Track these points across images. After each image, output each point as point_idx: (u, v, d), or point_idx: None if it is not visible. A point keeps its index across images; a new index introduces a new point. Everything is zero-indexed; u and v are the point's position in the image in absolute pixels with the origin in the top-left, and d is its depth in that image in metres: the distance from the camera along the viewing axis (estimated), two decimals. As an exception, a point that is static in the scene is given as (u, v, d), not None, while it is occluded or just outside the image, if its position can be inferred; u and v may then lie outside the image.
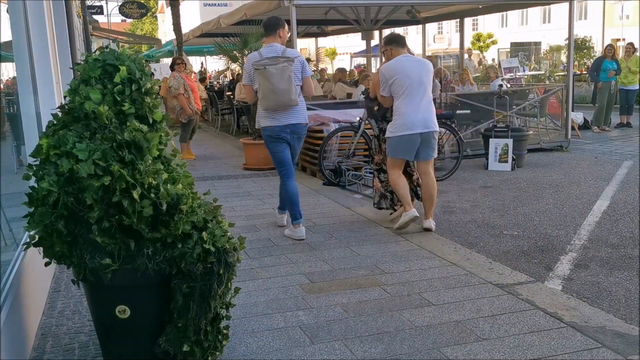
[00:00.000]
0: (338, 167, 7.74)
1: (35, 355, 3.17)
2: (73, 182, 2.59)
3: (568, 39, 10.53)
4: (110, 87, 2.80)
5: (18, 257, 3.43)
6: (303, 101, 5.23)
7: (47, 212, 2.60)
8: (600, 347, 3.12)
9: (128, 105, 2.79)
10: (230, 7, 20.88)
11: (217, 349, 2.92)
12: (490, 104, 9.50)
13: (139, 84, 2.83)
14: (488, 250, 5.05)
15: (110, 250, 2.65)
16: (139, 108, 2.83)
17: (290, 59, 5.01)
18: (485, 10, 13.60)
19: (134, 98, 2.82)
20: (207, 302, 2.75)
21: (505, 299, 3.79)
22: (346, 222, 5.74)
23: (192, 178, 3.00)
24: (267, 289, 4.07)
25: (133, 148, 2.67)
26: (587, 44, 30.99)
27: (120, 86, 2.81)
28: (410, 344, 3.21)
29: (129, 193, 2.59)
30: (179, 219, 2.68)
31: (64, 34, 7.35)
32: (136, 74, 2.85)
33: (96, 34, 25.56)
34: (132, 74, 2.85)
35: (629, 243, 5.15)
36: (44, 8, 4.91)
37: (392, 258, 4.63)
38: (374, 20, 12.89)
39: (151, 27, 64.64)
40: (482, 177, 8.18)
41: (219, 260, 2.74)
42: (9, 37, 4.38)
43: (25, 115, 4.52)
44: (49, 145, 2.66)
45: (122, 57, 2.90)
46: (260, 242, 5.12)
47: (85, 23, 13.28)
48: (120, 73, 2.81)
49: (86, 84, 2.84)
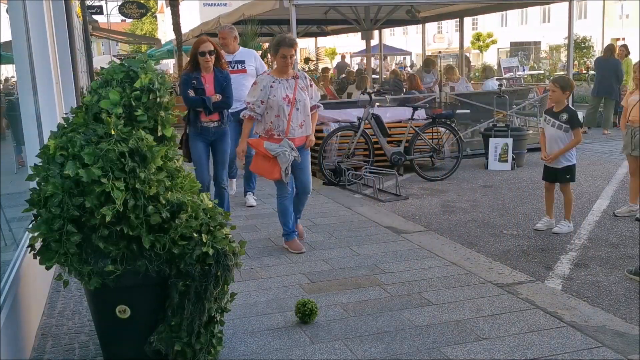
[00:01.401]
0: (338, 166, 7.74)
1: (35, 355, 3.17)
2: (77, 186, 2.60)
3: (568, 39, 10.52)
4: (129, 92, 2.84)
5: (18, 257, 3.43)
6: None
7: (55, 215, 2.61)
8: (600, 346, 3.13)
9: (141, 112, 2.81)
10: (230, 7, 20.88)
11: (210, 354, 2.91)
12: (490, 103, 9.50)
13: (156, 95, 2.85)
14: (488, 250, 5.05)
15: (114, 256, 2.67)
16: (151, 118, 2.85)
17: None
18: (485, 10, 13.59)
19: (148, 106, 2.84)
20: (202, 302, 2.76)
21: (505, 298, 3.79)
22: (346, 222, 5.74)
23: (198, 185, 3.04)
24: (267, 289, 4.07)
25: (137, 156, 2.69)
26: (587, 43, 31.01)
27: (138, 92, 2.84)
28: (411, 344, 3.21)
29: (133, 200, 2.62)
30: (178, 225, 2.70)
31: (63, 34, 7.35)
32: (155, 84, 2.88)
33: (96, 34, 25.58)
34: (152, 84, 2.88)
35: (629, 242, 5.14)
36: (44, 8, 4.91)
37: (392, 258, 4.63)
38: (373, 20, 12.90)
39: (151, 27, 64.66)
40: (482, 177, 8.18)
41: (217, 262, 2.76)
42: (9, 37, 4.38)
43: (25, 115, 4.52)
44: (56, 147, 2.68)
45: (147, 67, 2.95)
46: (260, 242, 5.12)
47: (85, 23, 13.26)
48: (141, 80, 2.85)
49: (107, 84, 2.89)
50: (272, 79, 4.72)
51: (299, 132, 4.76)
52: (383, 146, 7.93)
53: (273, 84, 4.69)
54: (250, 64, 6.57)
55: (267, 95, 4.66)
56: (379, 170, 7.58)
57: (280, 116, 4.67)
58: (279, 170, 4.61)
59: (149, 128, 2.86)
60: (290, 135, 4.70)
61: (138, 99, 2.83)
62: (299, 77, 4.81)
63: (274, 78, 4.72)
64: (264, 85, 4.68)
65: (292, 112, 4.68)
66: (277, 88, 4.67)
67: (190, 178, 3.02)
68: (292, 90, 4.70)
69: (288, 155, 4.59)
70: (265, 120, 4.72)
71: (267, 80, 4.73)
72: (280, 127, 4.69)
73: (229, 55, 6.37)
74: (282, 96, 4.66)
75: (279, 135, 4.70)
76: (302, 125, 4.77)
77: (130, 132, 2.74)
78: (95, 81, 2.97)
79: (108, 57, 32.46)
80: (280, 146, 4.62)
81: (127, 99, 2.82)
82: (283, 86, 4.70)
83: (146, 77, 2.86)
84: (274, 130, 4.71)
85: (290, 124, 4.69)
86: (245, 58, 6.57)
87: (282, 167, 4.60)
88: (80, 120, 2.79)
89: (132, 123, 2.81)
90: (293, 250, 4.82)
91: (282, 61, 4.68)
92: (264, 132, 4.77)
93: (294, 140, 4.72)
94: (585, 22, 40.38)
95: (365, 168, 7.65)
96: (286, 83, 4.72)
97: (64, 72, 6.62)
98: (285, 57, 4.65)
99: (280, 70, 4.75)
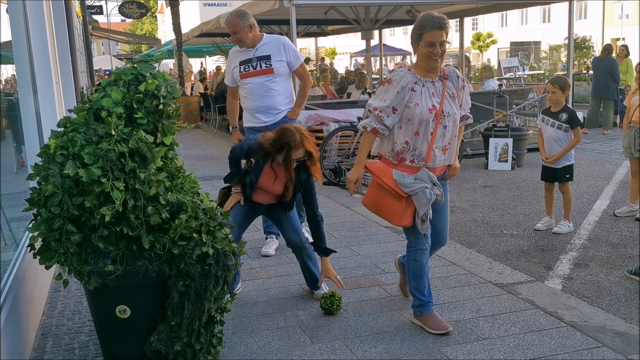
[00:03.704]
0: (338, 166, 7.74)
1: (35, 355, 3.17)
2: (77, 185, 2.60)
3: (568, 39, 10.53)
4: (132, 93, 2.84)
5: (18, 257, 3.43)
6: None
7: (55, 215, 2.61)
8: (600, 346, 3.13)
9: (141, 115, 2.81)
10: (230, 7, 20.91)
11: (210, 354, 2.91)
12: (490, 103, 9.50)
13: (160, 101, 2.85)
14: (488, 250, 5.05)
15: (114, 256, 2.67)
16: (152, 122, 2.85)
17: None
18: (485, 10, 13.59)
19: (149, 111, 2.84)
20: (202, 302, 2.76)
21: (505, 298, 3.79)
22: (346, 222, 5.74)
23: (199, 186, 3.04)
24: (267, 289, 4.07)
25: (137, 157, 2.69)
26: (587, 43, 31.01)
27: (141, 95, 2.84)
28: (411, 344, 3.21)
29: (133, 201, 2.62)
30: (178, 225, 2.70)
31: (63, 34, 7.36)
32: (162, 91, 2.87)
33: (96, 34, 25.60)
34: (157, 90, 2.87)
35: (629, 242, 5.14)
36: (44, 8, 4.91)
37: (392, 258, 4.62)
38: (373, 19, 12.90)
39: (151, 27, 64.71)
40: (482, 177, 8.18)
41: (217, 262, 2.76)
42: (9, 37, 4.38)
43: (25, 115, 4.53)
44: (56, 146, 2.68)
45: (158, 75, 2.95)
46: (260, 242, 5.12)
47: (85, 23, 13.28)
48: (146, 83, 2.84)
49: (114, 84, 2.89)
50: (414, 78, 3.24)
51: (441, 159, 3.30)
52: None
53: (415, 87, 3.22)
54: (279, 58, 4.65)
55: (406, 102, 3.21)
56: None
57: (420, 135, 3.22)
58: (413, 214, 3.24)
59: (148, 132, 2.86)
60: (431, 164, 3.27)
61: (140, 101, 2.83)
62: (448, 77, 3.31)
63: (417, 77, 3.24)
64: (403, 86, 3.20)
65: (436, 129, 3.22)
66: (420, 93, 3.21)
67: (191, 179, 3.01)
68: (440, 98, 3.24)
69: (429, 195, 3.19)
70: (396, 137, 3.26)
71: (408, 79, 3.23)
72: (418, 151, 3.25)
73: (248, 51, 4.66)
74: (428, 106, 3.20)
75: (415, 162, 3.26)
76: (446, 150, 3.30)
77: (130, 132, 2.74)
78: (104, 79, 2.99)
79: (108, 57, 32.56)
80: (418, 180, 3.21)
81: (128, 100, 2.82)
82: (428, 91, 3.23)
83: (153, 83, 2.85)
84: (408, 154, 3.26)
85: (433, 147, 3.24)
86: (271, 52, 4.65)
87: (419, 210, 3.21)
88: (82, 120, 2.80)
89: (132, 124, 2.81)
90: (434, 330, 3.31)
91: (428, 52, 3.16)
92: (391, 154, 3.31)
93: (434, 171, 3.29)
94: (585, 22, 40.38)
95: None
96: (432, 87, 3.25)
97: (64, 72, 6.62)
98: (433, 45, 3.13)
99: (425, 65, 3.24)
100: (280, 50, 4.64)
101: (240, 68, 4.69)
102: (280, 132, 3.62)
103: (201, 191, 3.05)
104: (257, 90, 4.62)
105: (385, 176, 3.24)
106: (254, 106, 4.69)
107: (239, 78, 4.71)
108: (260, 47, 4.65)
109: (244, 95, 4.78)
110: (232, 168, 3.84)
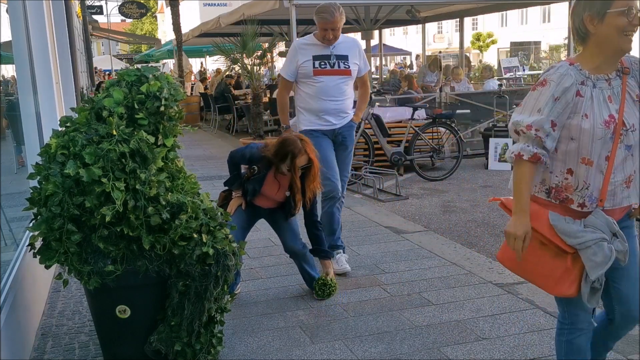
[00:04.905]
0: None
1: (35, 355, 3.17)
2: (78, 185, 2.60)
3: (568, 39, 10.55)
4: (134, 94, 2.84)
5: (18, 257, 3.43)
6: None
7: (55, 214, 2.61)
8: (600, 346, 3.12)
9: (142, 116, 2.81)
10: (230, 7, 20.90)
11: (210, 354, 2.91)
12: (490, 103, 9.50)
13: (161, 103, 2.85)
14: (488, 250, 5.05)
15: (114, 256, 2.67)
16: (152, 124, 2.85)
17: None
18: (485, 10, 13.59)
19: (151, 112, 2.84)
20: (202, 302, 2.76)
21: (505, 298, 3.79)
22: (346, 222, 5.74)
23: (199, 186, 3.04)
24: (267, 289, 4.07)
25: (138, 157, 2.69)
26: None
27: (143, 96, 2.84)
28: (411, 344, 3.21)
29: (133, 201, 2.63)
30: (178, 226, 2.70)
31: (63, 34, 7.36)
32: (164, 93, 2.86)
33: (96, 34, 25.60)
34: (160, 92, 2.86)
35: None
36: (44, 8, 4.91)
37: (392, 258, 4.63)
38: (373, 19, 12.90)
39: (151, 27, 64.70)
40: (482, 177, 8.18)
41: (217, 262, 2.76)
42: (9, 37, 4.38)
43: (25, 115, 4.53)
44: (57, 146, 2.68)
45: (161, 77, 2.94)
46: (260, 242, 5.12)
47: (85, 23, 13.29)
48: (147, 85, 2.84)
49: (117, 84, 2.90)
50: (580, 76, 2.15)
51: (623, 195, 2.20)
52: (383, 146, 7.93)
53: (583, 89, 2.14)
54: (355, 61, 4.30)
55: (569, 112, 2.15)
56: (379, 170, 7.58)
57: (593, 162, 2.15)
58: (579, 279, 2.21)
59: (149, 133, 2.86)
60: (608, 204, 2.19)
61: (142, 102, 2.83)
62: (630, 72, 2.20)
63: (585, 75, 2.16)
64: (565, 88, 2.13)
65: (614, 151, 2.14)
66: (590, 98, 2.14)
67: (191, 180, 3.02)
68: (619, 104, 2.16)
69: (607, 251, 2.14)
70: (551, 165, 2.23)
71: (572, 77, 2.14)
72: (589, 186, 2.17)
73: (324, 47, 4.22)
74: (604, 118, 2.13)
75: (587, 206, 2.20)
76: (630, 183, 2.20)
77: (131, 133, 2.74)
78: (109, 80, 2.99)
79: (108, 57, 32.58)
80: (590, 228, 2.18)
81: (130, 101, 2.82)
82: (602, 94, 2.16)
83: (155, 84, 2.85)
84: (574, 192, 2.20)
85: (611, 179, 2.16)
86: (349, 52, 4.28)
87: (590, 273, 2.16)
88: (83, 120, 2.80)
89: (133, 125, 2.81)
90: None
91: (624, 23, 2.07)
92: (543, 189, 2.26)
93: (613, 215, 2.21)
94: (585, 22, 40.35)
95: (365, 168, 7.65)
96: (606, 87, 2.17)
97: (64, 72, 6.62)
98: (630, 10, 2.06)
99: (615, 48, 2.14)
100: (356, 53, 4.33)
101: (314, 63, 4.21)
102: (282, 142, 3.60)
103: (201, 191, 3.05)
104: (332, 90, 4.23)
105: (538, 221, 2.21)
106: (325, 107, 4.26)
107: (311, 74, 4.22)
108: (337, 45, 4.26)
109: (309, 94, 4.27)
110: (231, 173, 3.83)
